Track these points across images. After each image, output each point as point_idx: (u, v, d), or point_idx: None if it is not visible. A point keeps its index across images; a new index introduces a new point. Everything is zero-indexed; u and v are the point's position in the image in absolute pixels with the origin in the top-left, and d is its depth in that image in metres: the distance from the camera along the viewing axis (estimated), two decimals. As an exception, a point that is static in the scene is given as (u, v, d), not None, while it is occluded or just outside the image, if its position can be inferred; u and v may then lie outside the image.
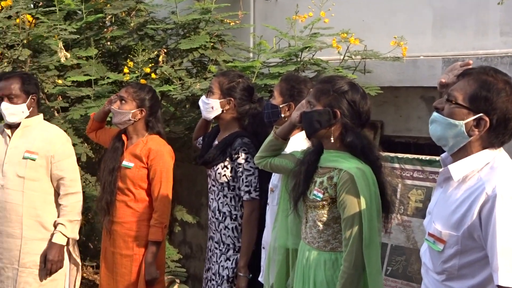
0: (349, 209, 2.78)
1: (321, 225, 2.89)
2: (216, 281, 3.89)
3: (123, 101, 4.08)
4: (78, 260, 4.24)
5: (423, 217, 3.77)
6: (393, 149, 3.14)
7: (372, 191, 2.80)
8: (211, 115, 3.92)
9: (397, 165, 3.97)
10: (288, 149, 3.29)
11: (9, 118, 4.01)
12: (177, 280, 5.32)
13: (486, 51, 4.80)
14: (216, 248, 3.93)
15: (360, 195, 2.76)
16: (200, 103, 3.97)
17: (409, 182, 3.92)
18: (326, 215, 2.88)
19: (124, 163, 4.07)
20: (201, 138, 4.21)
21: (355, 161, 2.85)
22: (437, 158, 3.84)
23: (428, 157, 3.92)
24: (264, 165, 3.31)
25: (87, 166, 5.58)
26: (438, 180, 2.41)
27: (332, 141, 2.89)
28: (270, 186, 3.59)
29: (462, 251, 2.23)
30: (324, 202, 2.87)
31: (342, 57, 4.97)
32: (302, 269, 2.99)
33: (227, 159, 3.84)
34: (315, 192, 2.89)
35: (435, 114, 2.32)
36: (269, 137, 3.27)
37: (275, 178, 3.54)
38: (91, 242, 6.62)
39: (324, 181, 2.89)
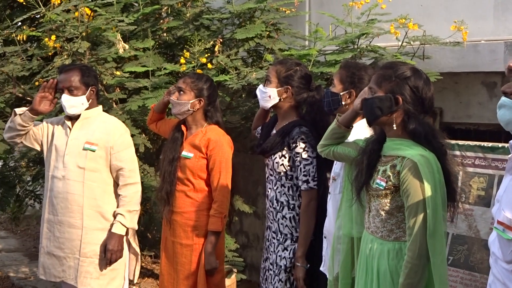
0: (412, 197, 2.73)
1: (384, 214, 2.86)
2: (274, 271, 3.88)
3: (182, 92, 4.10)
4: (138, 249, 4.29)
5: (486, 205, 3.72)
6: (453, 136, 3.08)
7: (437, 179, 2.74)
8: (268, 104, 3.90)
9: (458, 153, 3.90)
10: (351, 137, 3.26)
11: (70, 110, 4.08)
12: (235, 270, 5.35)
13: (550, 34, 4.66)
14: (274, 238, 3.92)
15: (424, 183, 2.71)
16: (258, 92, 3.96)
17: (470, 169, 3.85)
18: (389, 204, 2.84)
19: (184, 153, 4.10)
20: (259, 127, 4.20)
21: (418, 149, 2.80)
22: (500, 144, 3.76)
23: (490, 144, 3.84)
24: (327, 153, 3.28)
25: (145, 157, 5.65)
26: (507, 167, 2.35)
27: (395, 128, 2.84)
28: (332, 174, 3.56)
29: None
30: (387, 191, 2.83)
31: (400, 43, 4.90)
32: (365, 259, 2.96)
33: (285, 148, 3.82)
34: (378, 181, 2.85)
35: (504, 98, 2.25)
36: (332, 125, 3.24)
37: (337, 167, 3.51)
38: (150, 232, 6.72)
39: (387, 170, 2.84)
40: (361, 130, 3.28)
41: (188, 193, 4.10)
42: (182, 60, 5.06)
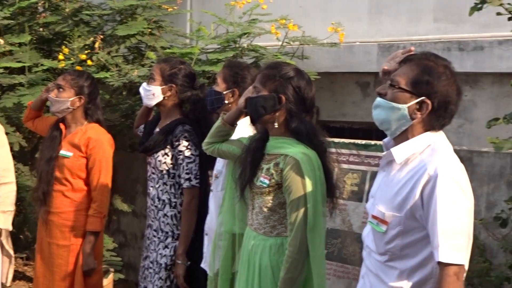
0: (294, 194, 2.82)
1: (267, 211, 2.92)
2: (154, 269, 3.87)
3: (61, 89, 3.99)
4: (11, 252, 4.15)
5: (359, 200, 3.88)
6: (328, 134, 3.22)
7: (317, 176, 2.84)
8: (152, 101, 3.89)
9: (333, 150, 4.03)
10: (235, 135, 3.30)
11: None
12: (112, 269, 5.28)
13: (420, 37, 4.93)
14: (155, 236, 3.91)
15: (306, 180, 2.80)
16: (141, 90, 3.93)
17: (345, 166, 3.98)
18: (272, 201, 2.90)
19: (62, 152, 3.99)
20: (142, 126, 4.17)
21: (300, 147, 2.89)
22: (373, 142, 3.93)
23: (363, 142, 3.99)
24: (212, 150, 3.31)
25: (19, 156, 5.44)
26: (381, 164, 2.47)
27: (277, 126, 2.91)
28: (214, 172, 3.60)
29: (405, 232, 2.29)
30: (270, 189, 2.89)
31: (280, 43, 5.01)
32: (248, 255, 3.01)
33: (168, 146, 3.82)
34: (262, 179, 2.92)
35: (378, 99, 2.37)
36: (217, 123, 3.27)
37: (219, 165, 3.55)
38: (22, 233, 6.48)
39: (270, 168, 2.91)
40: (244, 128, 3.34)
41: (66, 193, 4.01)
42: (61, 56, 4.93)
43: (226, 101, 3.49)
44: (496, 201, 4.17)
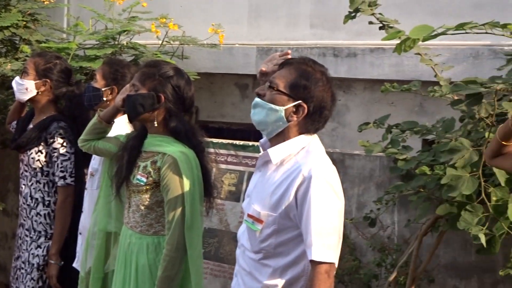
0: (172, 192, 2.82)
1: (144, 209, 2.91)
2: (26, 270, 3.76)
3: None
4: None
5: (236, 200, 3.94)
6: (207, 134, 3.25)
7: (195, 175, 2.86)
8: (25, 96, 3.77)
9: (212, 150, 4.07)
10: (112, 133, 3.26)
11: None
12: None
13: (297, 42, 5.06)
14: (27, 236, 3.80)
15: (184, 179, 2.81)
16: (14, 84, 3.80)
17: (223, 166, 4.03)
18: (149, 199, 2.89)
19: None
20: (15, 121, 4.02)
21: (178, 145, 2.89)
22: (250, 143, 4.00)
23: (242, 142, 4.05)
24: (88, 148, 3.26)
25: None
26: (257, 164, 2.52)
27: (156, 125, 2.91)
28: (90, 170, 3.54)
29: (279, 230, 2.34)
30: (147, 187, 2.88)
31: (160, 42, 4.98)
32: (124, 254, 2.98)
33: (42, 143, 3.73)
34: (138, 176, 2.90)
35: (257, 99, 2.41)
36: (93, 120, 3.22)
37: (95, 162, 3.50)
38: None
39: (147, 166, 2.90)
40: (122, 126, 3.31)
41: None
42: None
43: (105, 98, 3.45)
44: (366, 201, 4.36)
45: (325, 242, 2.24)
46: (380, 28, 4.05)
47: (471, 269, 4.05)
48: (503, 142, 2.49)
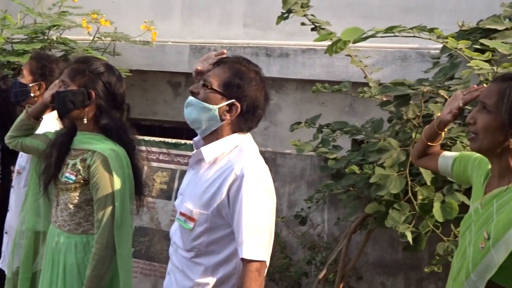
0: (102, 191, 2.78)
1: (72, 208, 2.85)
2: None
3: None
4: None
5: (167, 198, 3.92)
6: (139, 132, 3.22)
7: (126, 173, 2.83)
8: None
9: (143, 148, 4.03)
10: (41, 130, 3.19)
11: None
12: None
13: (230, 41, 5.08)
14: None
15: (114, 177, 2.78)
16: None
17: (155, 164, 4.01)
18: (78, 198, 2.84)
19: None
20: None
21: (109, 143, 2.86)
22: (183, 141, 3.99)
23: (174, 140, 4.04)
24: (15, 145, 3.17)
25: None
26: (190, 162, 2.51)
27: (86, 122, 2.86)
28: (16, 168, 3.45)
29: (211, 229, 2.35)
30: (76, 185, 2.83)
31: (91, 38, 4.91)
32: (52, 253, 2.91)
33: (-35, 140, 3.60)
34: (67, 174, 2.84)
35: (190, 98, 2.41)
36: (20, 116, 3.15)
37: (22, 160, 3.41)
38: None
39: (77, 163, 2.85)
40: (50, 123, 3.24)
41: None
42: None
43: (32, 94, 3.37)
44: (297, 200, 4.41)
45: (256, 240, 2.25)
46: (312, 29, 4.11)
47: (397, 266, 4.15)
48: (428, 143, 2.57)
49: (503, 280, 2.11)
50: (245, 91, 2.36)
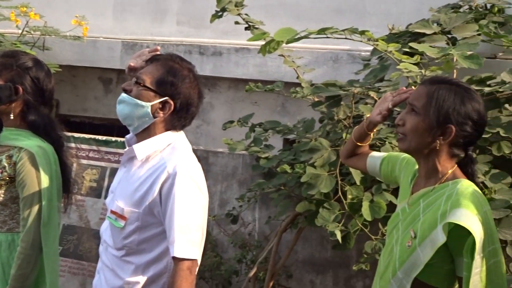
0: (29, 188, 2.71)
1: (-2, 205, 2.78)
2: None
3: None
4: None
5: (97, 196, 3.86)
6: (68, 129, 3.15)
7: (53, 170, 2.77)
8: None
9: (73, 145, 3.97)
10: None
11: None
12: None
13: (163, 38, 5.04)
14: None
15: (41, 174, 2.71)
16: None
17: (84, 161, 3.94)
18: (3, 195, 2.77)
19: None
20: None
21: (36, 140, 2.79)
22: (113, 138, 3.93)
23: (104, 138, 3.98)
24: None
25: None
26: (122, 160, 2.48)
27: (12, 118, 2.78)
28: None
29: (142, 227, 2.33)
30: (2, 182, 2.75)
31: (20, 31, 4.78)
32: (-25, 252, 2.83)
33: None
34: (-8, 171, 2.76)
35: (123, 94, 2.38)
36: None
37: None
38: None
39: (2, 160, 2.77)
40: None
41: None
42: None
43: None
44: (228, 198, 4.42)
45: (188, 238, 2.25)
46: (246, 28, 4.12)
47: (326, 264, 4.22)
48: (358, 143, 2.62)
49: (428, 277, 2.17)
50: (178, 88, 2.35)
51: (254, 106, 4.85)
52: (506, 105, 3.56)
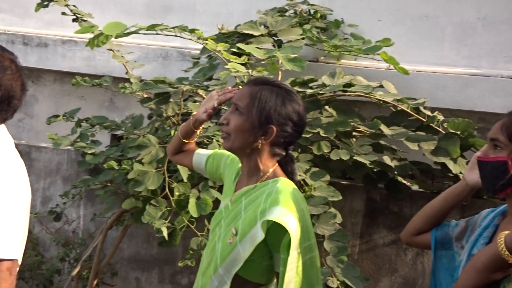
0: None
1: None
2: None
3: None
4: None
5: None
6: None
7: None
8: None
9: None
10: None
11: None
12: None
13: None
14: None
15: None
16: None
17: None
18: None
19: None
20: None
21: None
22: None
23: None
24: None
25: None
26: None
27: None
28: None
29: None
30: None
31: None
32: None
33: None
34: None
35: None
36: None
37: None
38: None
39: None
40: None
41: None
42: None
43: None
44: (52, 195, 4.29)
45: (7, 238, 2.15)
46: (74, 20, 4.02)
47: (152, 261, 4.22)
48: (184, 140, 2.65)
49: (248, 273, 2.24)
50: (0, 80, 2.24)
51: (81, 100, 4.73)
52: (326, 107, 3.77)
